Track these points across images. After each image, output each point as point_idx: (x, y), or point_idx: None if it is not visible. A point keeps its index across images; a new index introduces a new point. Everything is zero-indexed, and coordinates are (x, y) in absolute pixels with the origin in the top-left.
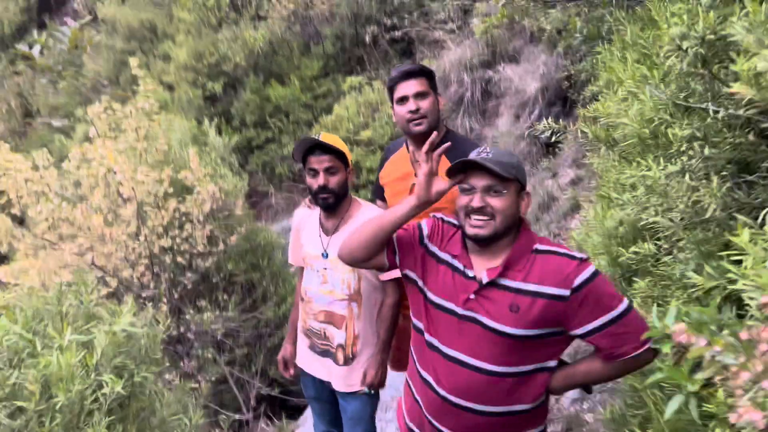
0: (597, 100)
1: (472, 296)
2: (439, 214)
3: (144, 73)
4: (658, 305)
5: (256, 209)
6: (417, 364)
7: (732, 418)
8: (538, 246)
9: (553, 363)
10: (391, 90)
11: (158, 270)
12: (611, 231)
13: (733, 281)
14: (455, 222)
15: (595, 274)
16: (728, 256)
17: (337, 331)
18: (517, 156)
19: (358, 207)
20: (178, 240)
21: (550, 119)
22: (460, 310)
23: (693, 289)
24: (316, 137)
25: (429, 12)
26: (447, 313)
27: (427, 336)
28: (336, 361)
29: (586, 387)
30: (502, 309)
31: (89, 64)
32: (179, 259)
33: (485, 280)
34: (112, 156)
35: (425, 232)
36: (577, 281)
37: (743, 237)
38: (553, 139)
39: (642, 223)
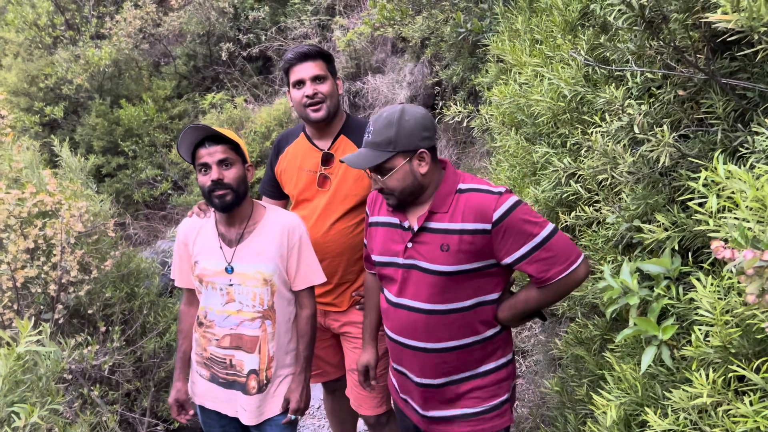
0: (477, 96)
1: (409, 245)
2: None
3: None
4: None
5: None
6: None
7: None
8: (461, 185)
9: (493, 296)
10: (286, 72)
11: (20, 305)
12: None
13: (683, 230)
14: None
15: (516, 204)
16: (682, 203)
17: (249, 355)
18: (398, 117)
19: (263, 211)
20: (45, 268)
21: (455, 107)
22: (401, 260)
23: (638, 247)
24: (205, 126)
25: (285, 28)
26: (392, 267)
27: (384, 292)
28: (247, 391)
29: (540, 316)
30: (434, 250)
31: None
32: (50, 288)
33: (416, 227)
34: None
35: (368, 212)
36: (497, 214)
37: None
38: (464, 123)
39: (566, 194)
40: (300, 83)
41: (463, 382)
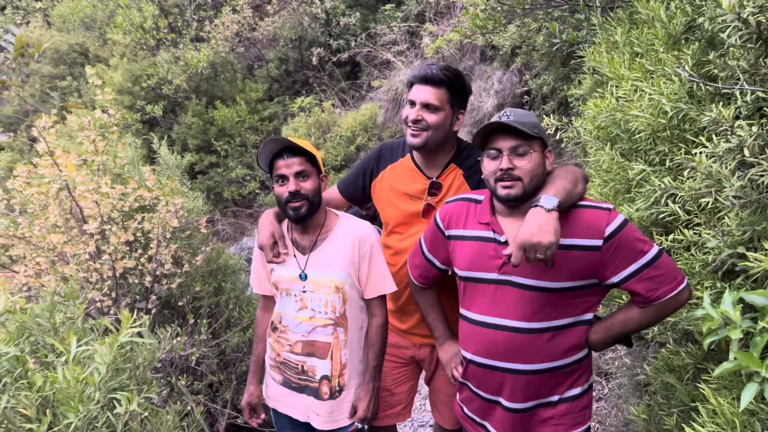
0: (568, 108)
1: (507, 260)
2: (451, 198)
3: (100, 83)
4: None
5: None
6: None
7: None
8: None
9: (588, 316)
10: (410, 87)
11: (118, 294)
12: None
13: None
14: (465, 196)
15: (625, 222)
16: None
17: (321, 361)
18: (535, 116)
19: (335, 219)
20: (142, 260)
21: (548, 118)
22: (495, 276)
23: (740, 274)
24: (283, 138)
25: (375, 34)
26: (481, 283)
27: (462, 311)
28: (319, 396)
29: (627, 342)
30: (538, 265)
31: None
32: (146, 279)
33: None
34: (73, 167)
35: (442, 226)
36: (609, 230)
37: None
38: (558, 136)
39: (662, 214)
40: (412, 103)
41: (551, 406)
